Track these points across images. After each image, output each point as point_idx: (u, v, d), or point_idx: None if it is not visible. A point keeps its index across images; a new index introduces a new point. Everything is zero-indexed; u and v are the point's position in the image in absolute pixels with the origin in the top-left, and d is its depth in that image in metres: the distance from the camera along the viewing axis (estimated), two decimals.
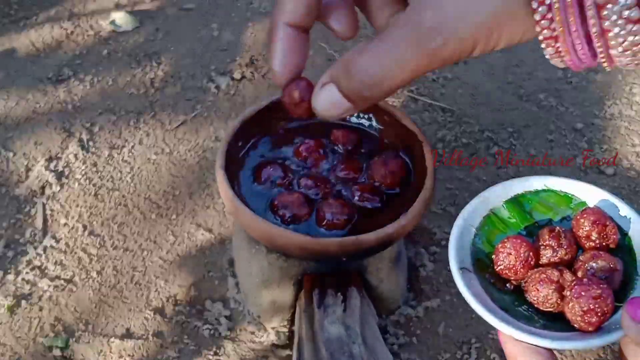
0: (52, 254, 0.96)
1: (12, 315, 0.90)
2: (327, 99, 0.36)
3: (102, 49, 1.28)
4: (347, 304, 0.79)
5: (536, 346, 0.39)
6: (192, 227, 1.00)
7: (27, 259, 0.95)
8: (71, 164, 1.08)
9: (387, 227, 0.70)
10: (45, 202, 1.02)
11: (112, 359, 0.86)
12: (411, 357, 0.86)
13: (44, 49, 1.27)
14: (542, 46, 0.32)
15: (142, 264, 0.96)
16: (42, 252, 0.96)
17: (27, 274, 0.94)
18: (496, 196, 0.48)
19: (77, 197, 1.03)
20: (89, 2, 1.38)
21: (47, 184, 1.05)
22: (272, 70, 0.39)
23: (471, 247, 0.46)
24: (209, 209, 1.02)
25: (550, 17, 0.31)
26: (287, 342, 0.88)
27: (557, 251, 0.44)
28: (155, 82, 1.22)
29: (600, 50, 0.32)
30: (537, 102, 1.20)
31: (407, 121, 0.80)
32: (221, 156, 0.76)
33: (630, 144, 1.13)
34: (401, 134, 0.82)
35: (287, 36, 0.37)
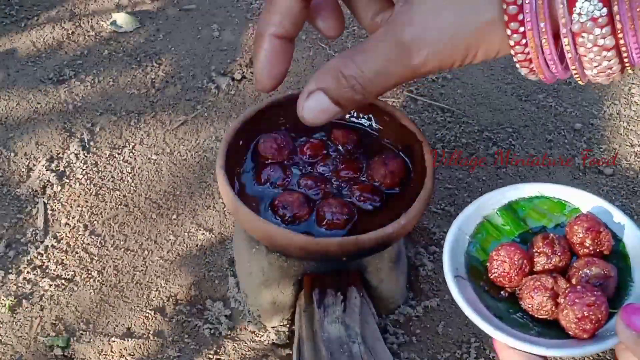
0: (53, 254, 0.96)
1: (13, 314, 0.90)
2: (317, 106, 0.37)
3: (102, 50, 1.28)
4: (347, 304, 0.80)
5: (531, 354, 0.39)
6: (192, 227, 1.00)
7: (28, 258, 0.96)
8: (72, 164, 1.08)
9: (387, 227, 0.70)
10: (46, 202, 1.03)
11: (112, 358, 0.86)
12: (411, 357, 0.87)
13: (44, 50, 1.28)
14: (517, 66, 0.33)
15: (143, 263, 0.96)
16: (43, 252, 0.96)
17: (28, 273, 0.94)
18: (490, 203, 0.48)
19: (78, 197, 1.04)
20: (89, 3, 1.38)
21: (48, 184, 1.05)
22: (256, 79, 0.41)
23: (465, 255, 0.46)
24: (209, 209, 1.03)
25: (524, 42, 0.32)
26: (287, 341, 0.88)
27: (551, 258, 0.44)
28: (155, 82, 1.22)
29: (574, 71, 0.33)
30: (536, 102, 1.20)
31: (407, 121, 0.81)
32: (221, 156, 0.76)
33: (629, 144, 1.13)
34: (401, 134, 0.82)
35: (273, 47, 0.39)
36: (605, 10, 0.30)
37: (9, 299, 0.91)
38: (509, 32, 0.31)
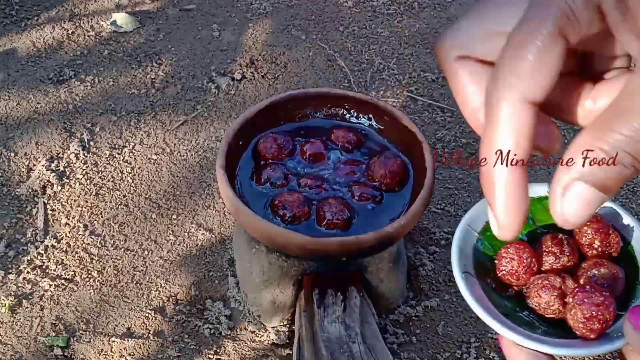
0: (53, 254, 0.96)
1: (14, 314, 0.90)
2: (580, 201, 0.30)
3: (102, 50, 1.28)
4: (347, 304, 0.80)
5: (537, 352, 0.40)
6: (192, 227, 1.00)
7: (28, 258, 0.96)
8: (72, 164, 1.08)
9: (387, 227, 0.70)
10: (46, 201, 1.03)
11: (112, 358, 0.86)
12: (411, 356, 0.87)
13: (45, 50, 1.28)
14: None
15: (143, 263, 0.96)
16: (43, 252, 0.96)
17: (28, 273, 0.94)
18: None
19: (78, 197, 1.04)
20: (89, 3, 1.38)
21: (48, 184, 1.05)
22: (499, 224, 0.31)
23: (473, 252, 0.46)
24: (209, 209, 1.03)
25: None
26: (287, 341, 0.88)
27: (560, 258, 0.44)
28: (155, 82, 1.22)
29: None
30: None
31: (407, 121, 0.81)
32: (222, 156, 0.76)
33: None
34: (401, 134, 0.82)
35: (516, 176, 0.30)
36: None
37: (9, 299, 0.91)
38: None
